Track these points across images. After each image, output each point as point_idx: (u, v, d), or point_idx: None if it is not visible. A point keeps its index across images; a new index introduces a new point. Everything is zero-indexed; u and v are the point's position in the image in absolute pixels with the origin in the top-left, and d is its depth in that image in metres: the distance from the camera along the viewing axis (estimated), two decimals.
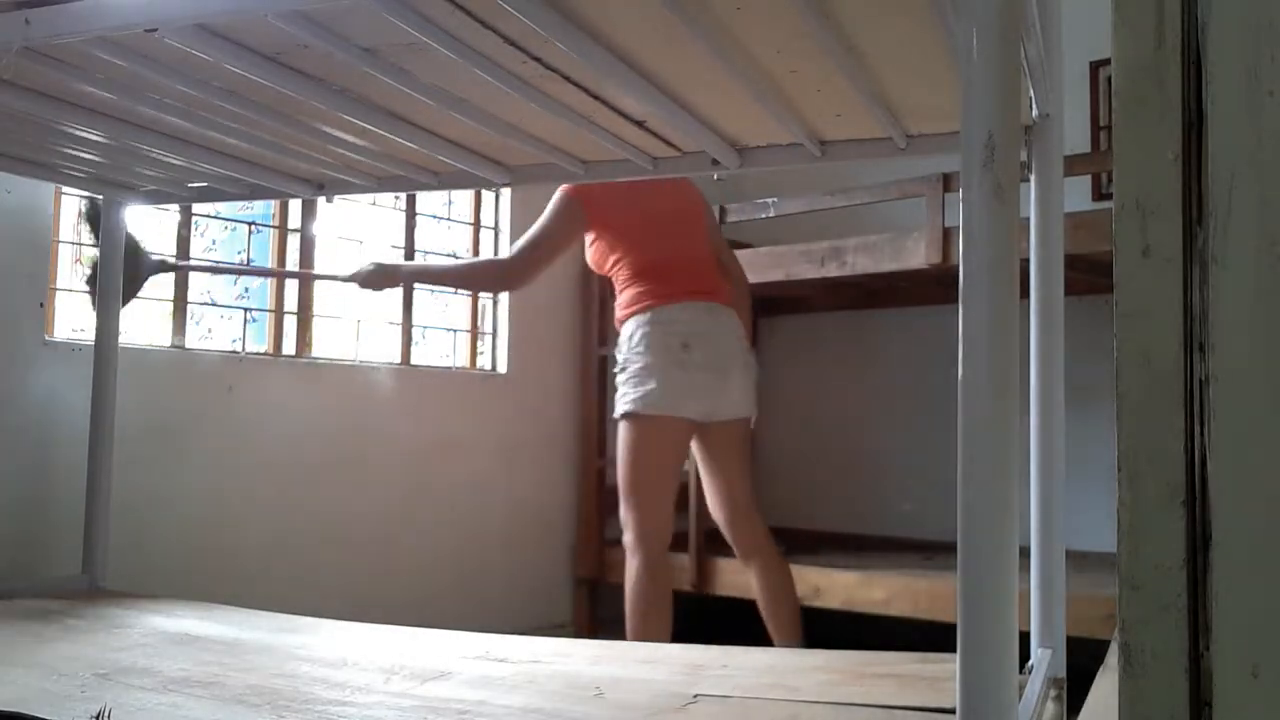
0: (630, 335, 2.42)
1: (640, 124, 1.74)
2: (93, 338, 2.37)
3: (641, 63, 1.46)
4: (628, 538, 2.44)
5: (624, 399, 2.41)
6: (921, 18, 1.27)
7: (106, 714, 1.30)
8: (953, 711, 0.93)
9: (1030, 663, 1.45)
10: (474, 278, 2.70)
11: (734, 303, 2.54)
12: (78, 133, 1.86)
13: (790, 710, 1.40)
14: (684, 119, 1.66)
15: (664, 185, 2.46)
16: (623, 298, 2.47)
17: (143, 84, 1.60)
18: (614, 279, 2.51)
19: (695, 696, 1.46)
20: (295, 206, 2.94)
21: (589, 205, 2.45)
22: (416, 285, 3.14)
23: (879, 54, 1.41)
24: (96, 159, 2.08)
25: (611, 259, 2.48)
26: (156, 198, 2.39)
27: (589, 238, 2.52)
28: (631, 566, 2.43)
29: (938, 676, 1.50)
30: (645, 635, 2.37)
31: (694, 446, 2.53)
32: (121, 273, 2.41)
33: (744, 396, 2.50)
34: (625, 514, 2.44)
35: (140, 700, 1.41)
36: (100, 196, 2.38)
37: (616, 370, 2.47)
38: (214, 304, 2.80)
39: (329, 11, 1.31)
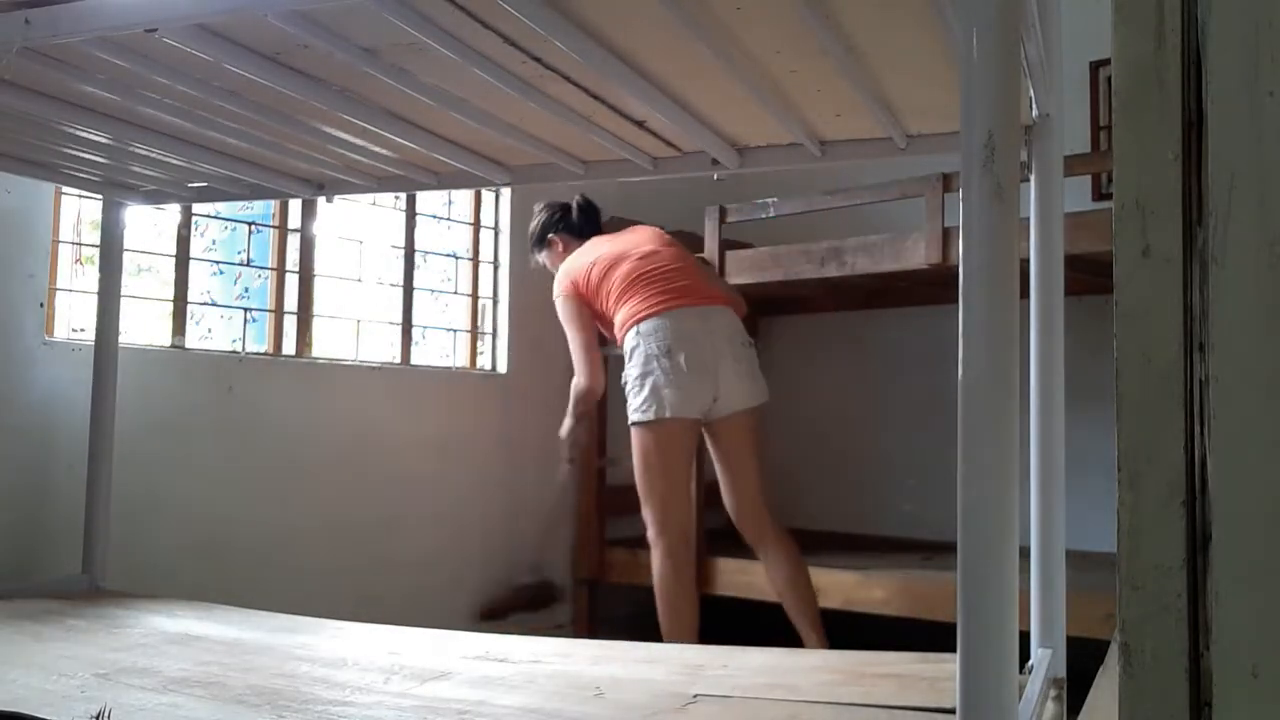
0: (627, 352, 2.62)
1: (640, 124, 1.74)
2: (93, 338, 2.37)
3: (641, 63, 1.46)
4: (650, 534, 2.65)
5: (630, 410, 2.60)
6: (921, 18, 1.27)
7: (106, 714, 1.30)
8: (953, 711, 0.93)
9: (1030, 663, 1.45)
10: (581, 403, 2.81)
11: (729, 300, 2.71)
12: (78, 133, 1.86)
13: (790, 710, 1.40)
14: (684, 119, 1.66)
15: (623, 235, 2.80)
16: (615, 323, 2.67)
17: (143, 84, 1.60)
18: (613, 319, 2.69)
19: (695, 696, 1.46)
20: (295, 206, 2.94)
21: (578, 290, 2.71)
22: (417, 284, 3.16)
23: (879, 54, 1.41)
24: (97, 159, 2.08)
25: (601, 306, 2.70)
26: (156, 198, 2.39)
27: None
28: (655, 558, 2.63)
29: (938, 676, 1.50)
30: (674, 623, 2.57)
31: (707, 442, 2.70)
32: (122, 272, 2.41)
33: (740, 389, 2.61)
34: (644, 513, 2.63)
35: (140, 700, 1.41)
36: (101, 196, 2.39)
37: (623, 385, 2.65)
38: (214, 304, 2.80)
39: (329, 11, 1.31)
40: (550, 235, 2.88)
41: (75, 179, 2.28)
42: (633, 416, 2.58)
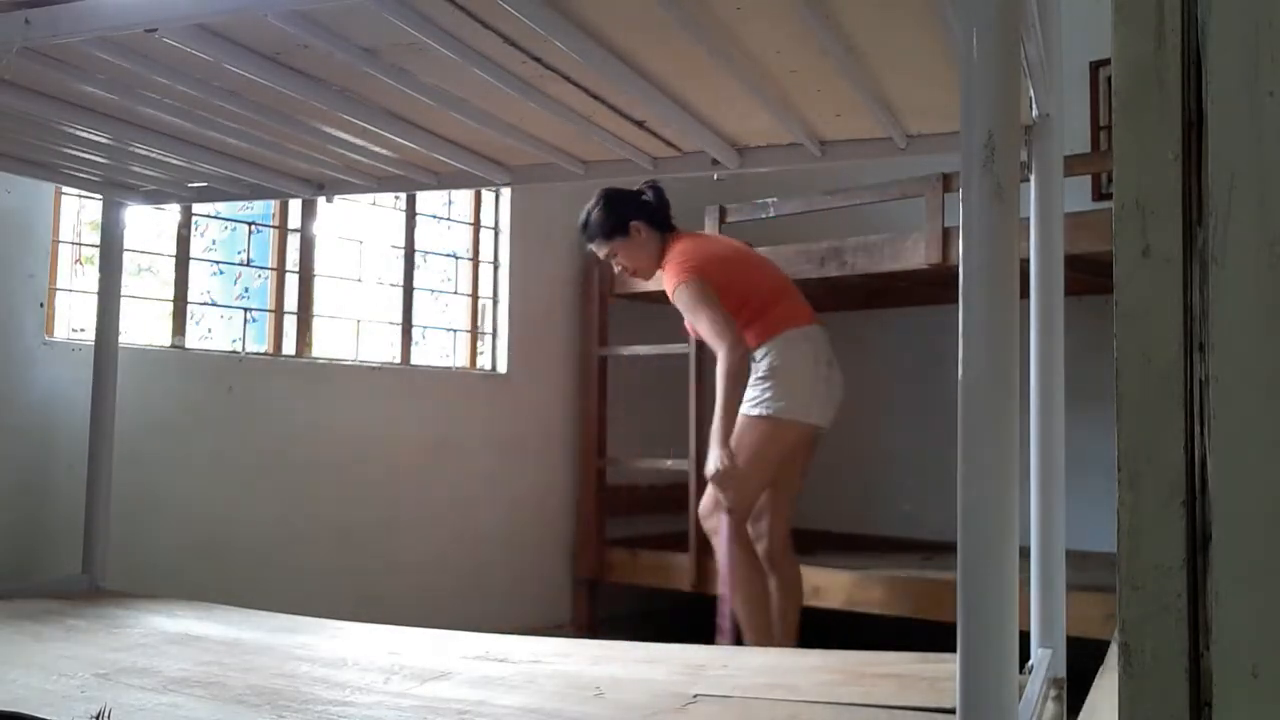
0: (778, 348, 2.65)
1: (640, 124, 1.74)
2: (93, 338, 2.37)
3: (641, 63, 1.46)
4: (716, 520, 2.65)
5: (765, 401, 2.62)
6: (921, 18, 1.27)
7: (106, 714, 1.30)
8: (953, 711, 0.93)
9: (1030, 663, 1.45)
10: (733, 376, 2.65)
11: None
12: (78, 133, 1.86)
13: (790, 710, 1.40)
14: (684, 119, 1.66)
15: (718, 239, 2.95)
16: (766, 319, 2.68)
17: (143, 84, 1.60)
18: (744, 313, 2.68)
19: (695, 696, 1.46)
20: (295, 206, 2.93)
21: (708, 276, 2.66)
22: (417, 284, 3.15)
23: (879, 54, 1.41)
24: (97, 159, 2.08)
25: (733, 301, 2.67)
26: (156, 198, 2.39)
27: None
28: (722, 533, 2.63)
29: (938, 676, 1.50)
30: (749, 590, 2.61)
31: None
32: (122, 272, 2.41)
33: (832, 410, 2.75)
34: (723, 495, 2.62)
35: (140, 700, 1.41)
36: (101, 196, 2.39)
37: (759, 375, 2.65)
38: (214, 304, 2.80)
39: (329, 11, 1.31)
40: (634, 222, 2.76)
41: (75, 179, 2.28)
42: (770, 409, 2.60)
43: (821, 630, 2.71)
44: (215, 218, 2.80)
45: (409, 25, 1.29)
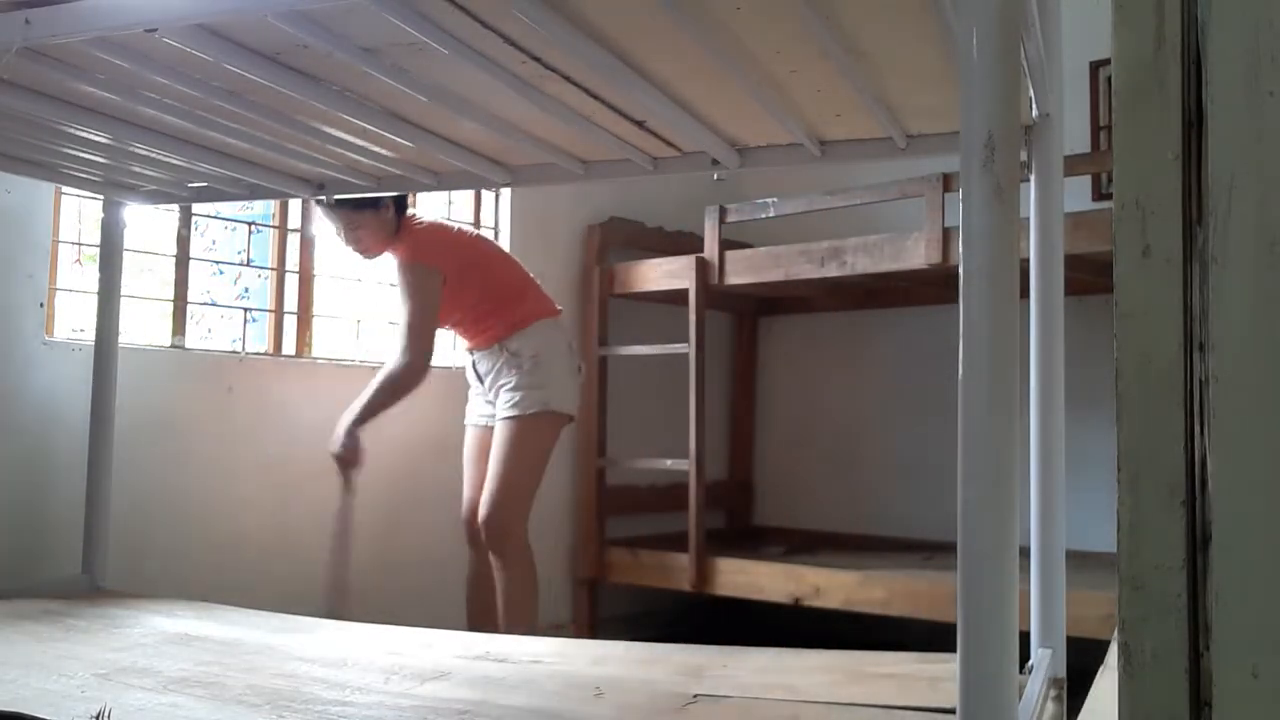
0: (531, 338, 2.65)
1: (640, 124, 1.74)
2: (93, 338, 2.37)
3: (641, 63, 1.46)
4: (515, 535, 2.64)
5: (532, 400, 2.61)
6: (921, 18, 1.27)
7: (106, 714, 1.30)
8: (953, 711, 0.93)
9: (1030, 663, 1.45)
10: (400, 390, 2.63)
11: None
12: (78, 133, 1.86)
13: (790, 710, 1.40)
14: (684, 119, 1.66)
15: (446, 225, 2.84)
16: (515, 310, 2.67)
17: (143, 84, 1.60)
18: (479, 308, 2.67)
19: (695, 696, 1.46)
20: (295, 206, 2.93)
21: (447, 269, 2.62)
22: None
23: (879, 54, 1.41)
24: (97, 159, 2.08)
25: (473, 292, 2.65)
26: (156, 198, 2.39)
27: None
28: (526, 556, 2.66)
29: (938, 676, 1.50)
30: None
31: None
32: (122, 272, 2.41)
33: None
34: (513, 509, 2.62)
35: (140, 700, 1.41)
36: (101, 196, 2.39)
37: (517, 368, 2.62)
38: (214, 304, 2.80)
39: (329, 11, 1.31)
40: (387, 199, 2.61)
41: (75, 179, 2.28)
42: (542, 404, 2.60)
43: (821, 630, 2.71)
44: (215, 218, 2.80)
45: (409, 25, 1.29)
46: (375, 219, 2.61)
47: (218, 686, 1.50)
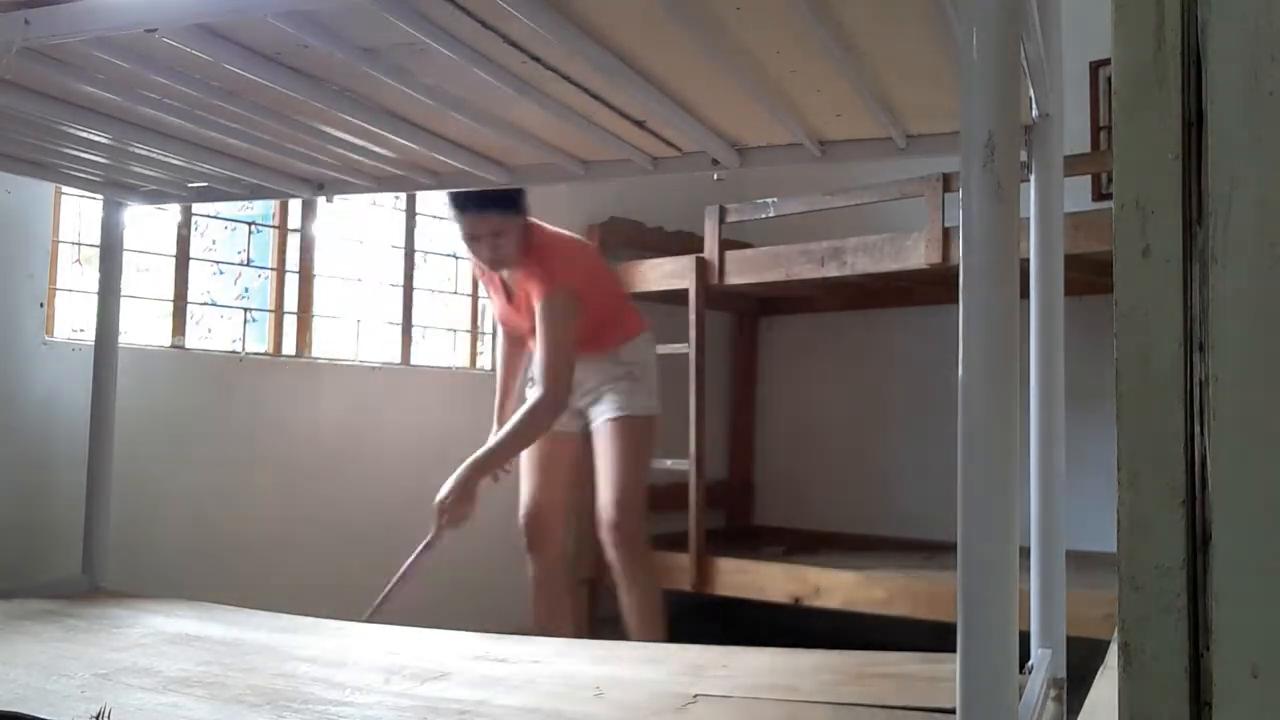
0: (638, 347, 2.67)
1: (640, 124, 1.74)
2: (93, 338, 2.37)
3: (641, 63, 1.46)
4: (629, 533, 2.56)
5: (644, 402, 2.61)
6: (921, 18, 1.27)
7: (106, 714, 1.30)
8: (953, 711, 0.93)
9: (1030, 663, 1.45)
10: (543, 426, 2.51)
11: None
12: (78, 133, 1.86)
13: (790, 710, 1.40)
14: (684, 119, 1.66)
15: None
16: (625, 325, 2.67)
17: (143, 84, 1.60)
18: (599, 321, 2.59)
19: (695, 696, 1.46)
20: (295, 206, 2.93)
21: (581, 293, 2.49)
22: (417, 284, 3.14)
23: (879, 54, 1.41)
24: (97, 159, 2.08)
25: (595, 307, 2.55)
26: (156, 198, 2.39)
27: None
28: (644, 564, 2.60)
29: (938, 676, 1.50)
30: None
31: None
32: (122, 272, 2.41)
33: None
34: (631, 511, 2.55)
35: (140, 700, 1.41)
36: (101, 196, 2.39)
37: (634, 376, 2.61)
38: (214, 304, 2.80)
39: (329, 11, 1.31)
40: (524, 202, 2.47)
41: (75, 179, 2.28)
42: (653, 407, 2.62)
43: (822, 630, 2.71)
44: (215, 218, 2.80)
45: (409, 25, 1.29)
46: (519, 224, 2.42)
47: (218, 686, 1.49)
